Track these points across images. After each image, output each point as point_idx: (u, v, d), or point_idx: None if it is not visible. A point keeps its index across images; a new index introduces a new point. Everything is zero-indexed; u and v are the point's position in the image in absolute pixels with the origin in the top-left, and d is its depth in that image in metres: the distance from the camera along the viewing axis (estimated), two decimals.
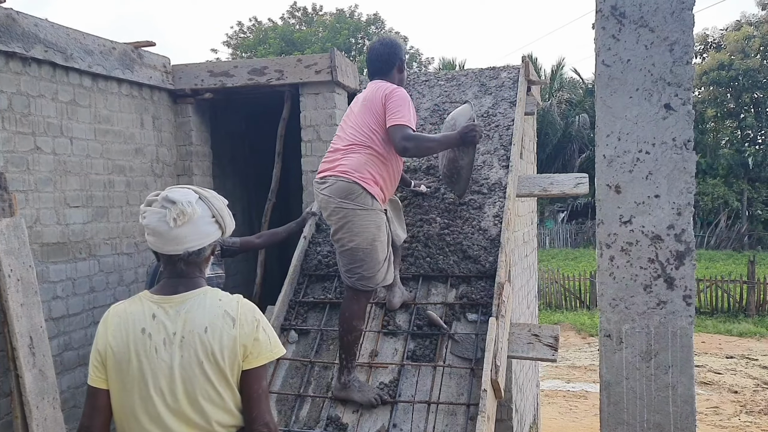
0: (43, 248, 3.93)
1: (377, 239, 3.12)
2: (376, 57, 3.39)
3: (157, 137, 4.97)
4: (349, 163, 3.14)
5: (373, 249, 3.11)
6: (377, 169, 3.17)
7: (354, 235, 3.09)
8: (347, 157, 3.17)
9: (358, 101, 3.36)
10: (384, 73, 3.37)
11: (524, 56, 4.97)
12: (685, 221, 2.55)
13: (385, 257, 3.18)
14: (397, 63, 3.38)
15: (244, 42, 32.96)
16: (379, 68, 3.38)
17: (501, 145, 4.35)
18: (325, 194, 3.15)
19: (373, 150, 3.17)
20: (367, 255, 3.10)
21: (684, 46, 2.52)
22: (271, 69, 4.94)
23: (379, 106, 3.17)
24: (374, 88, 3.28)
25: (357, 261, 3.11)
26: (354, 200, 3.08)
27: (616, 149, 2.60)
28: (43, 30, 3.87)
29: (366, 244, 3.09)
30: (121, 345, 1.80)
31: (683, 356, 2.57)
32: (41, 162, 3.93)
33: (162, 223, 1.80)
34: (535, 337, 3.36)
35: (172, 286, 1.85)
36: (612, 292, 2.65)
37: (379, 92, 3.21)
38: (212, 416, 1.79)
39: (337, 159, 3.21)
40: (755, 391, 9.70)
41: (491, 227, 3.80)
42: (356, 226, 3.09)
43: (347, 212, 3.09)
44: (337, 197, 3.10)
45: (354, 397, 3.13)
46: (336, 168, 3.16)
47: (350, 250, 3.11)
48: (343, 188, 3.09)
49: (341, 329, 3.15)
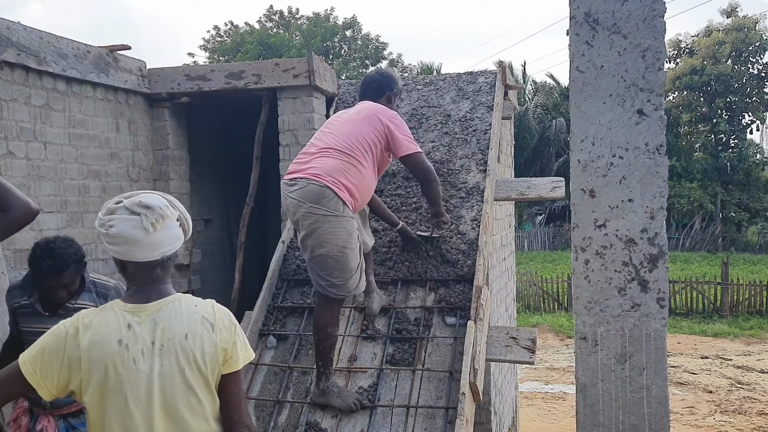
0: (16, 254, 3.87)
1: (348, 246, 3.05)
2: (369, 82, 3.49)
3: (133, 141, 4.93)
4: (321, 166, 3.06)
5: (343, 256, 3.04)
6: (351, 177, 3.10)
7: (324, 241, 3.00)
8: (320, 159, 3.09)
9: (345, 114, 3.32)
10: (372, 97, 3.43)
11: (501, 61, 5.02)
12: (658, 225, 2.60)
13: (357, 265, 3.12)
14: (386, 93, 3.45)
15: (221, 46, 32.80)
16: (369, 93, 3.45)
17: (479, 149, 4.38)
18: (295, 198, 3.05)
19: (353, 158, 3.11)
20: (338, 262, 3.03)
21: (656, 52, 2.57)
22: (249, 73, 4.92)
23: (379, 124, 3.20)
24: (371, 106, 3.30)
25: (327, 268, 3.03)
26: (325, 205, 2.99)
27: (591, 154, 2.64)
28: (15, 33, 3.81)
29: (336, 251, 3.02)
30: (97, 359, 1.74)
31: (657, 358, 2.61)
32: (14, 167, 3.87)
33: (137, 230, 1.77)
34: (513, 340, 3.38)
35: (145, 294, 1.82)
36: (587, 295, 2.68)
37: (381, 113, 3.25)
38: (192, 426, 1.77)
39: (308, 161, 3.12)
40: (729, 390, 9.86)
41: (469, 231, 3.82)
42: (326, 233, 3.00)
43: (317, 218, 3.00)
44: (307, 201, 3.01)
45: (333, 403, 3.12)
46: (307, 170, 3.08)
47: (320, 257, 3.03)
48: (314, 192, 3.00)
49: (316, 337, 3.12)
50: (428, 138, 4.59)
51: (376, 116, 3.22)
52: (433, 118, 4.78)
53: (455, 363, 3.23)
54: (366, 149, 3.16)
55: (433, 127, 4.70)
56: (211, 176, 6.22)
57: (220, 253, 6.37)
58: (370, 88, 3.46)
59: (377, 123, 3.20)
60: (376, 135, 3.19)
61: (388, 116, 3.25)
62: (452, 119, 4.72)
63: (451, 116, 4.75)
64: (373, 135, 3.19)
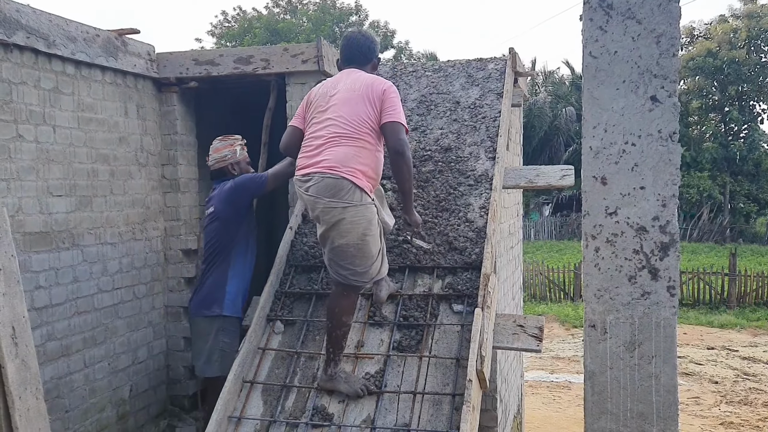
0: (26, 237, 3.88)
1: (368, 233, 3.04)
2: (355, 46, 3.36)
3: (142, 126, 4.92)
4: (333, 157, 3.01)
5: (364, 244, 3.03)
6: (364, 160, 3.06)
7: (345, 232, 2.99)
8: (330, 150, 3.04)
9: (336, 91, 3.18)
10: (360, 63, 3.34)
11: (511, 48, 4.98)
12: (669, 213, 2.58)
13: (378, 250, 3.12)
14: (373, 59, 3.39)
15: (229, 31, 32.70)
16: (356, 58, 3.34)
17: (488, 136, 4.35)
18: (311, 194, 3.01)
19: (361, 140, 3.06)
20: (359, 250, 3.03)
21: (670, 38, 2.53)
22: (257, 58, 4.90)
23: (378, 98, 3.12)
24: (366, 79, 3.19)
25: (348, 257, 3.03)
26: (343, 198, 2.97)
27: (603, 141, 2.61)
28: (25, 16, 3.80)
29: (357, 239, 3.01)
30: None
31: (666, 346, 2.60)
32: (23, 150, 3.87)
33: None
34: (520, 328, 3.37)
35: None
36: (597, 282, 2.67)
37: (377, 84, 3.15)
38: None
39: (317, 153, 3.06)
40: (735, 381, 9.85)
41: (477, 219, 3.81)
42: (347, 223, 2.98)
43: (337, 212, 2.97)
44: (324, 197, 2.97)
45: (340, 388, 3.13)
46: (319, 164, 3.03)
47: (340, 248, 3.02)
48: (331, 185, 2.97)
49: (330, 324, 3.13)
50: (437, 125, 4.56)
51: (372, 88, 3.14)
52: (442, 105, 4.75)
53: (462, 350, 3.23)
54: (370, 128, 3.11)
55: (442, 113, 4.67)
56: None
57: None
58: (358, 53, 3.35)
59: (373, 97, 3.12)
60: (374, 110, 3.12)
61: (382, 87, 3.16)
62: (461, 106, 4.69)
63: (460, 103, 4.72)
64: (372, 111, 3.11)
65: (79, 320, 4.30)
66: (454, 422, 2.94)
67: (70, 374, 4.23)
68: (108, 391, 4.57)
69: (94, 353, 4.43)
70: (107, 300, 4.55)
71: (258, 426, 3.15)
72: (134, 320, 4.84)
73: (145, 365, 4.96)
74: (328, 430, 3.06)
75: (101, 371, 4.51)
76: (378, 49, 3.44)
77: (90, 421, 4.40)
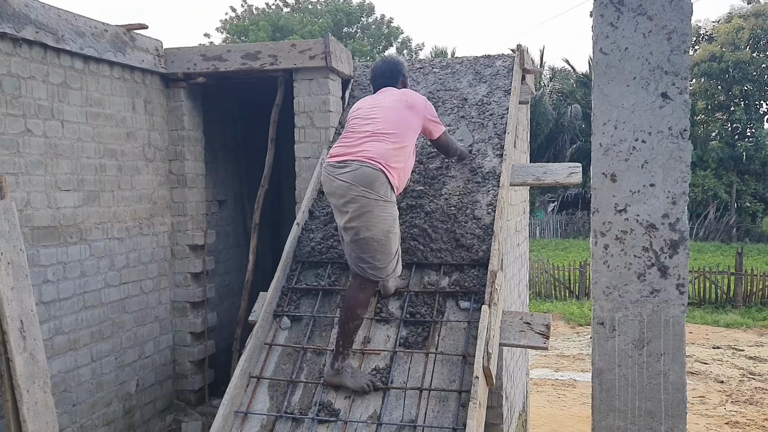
0: (34, 232, 3.90)
1: (392, 231, 3.13)
2: (380, 74, 3.66)
3: (149, 121, 4.93)
4: (374, 150, 3.13)
5: (387, 240, 3.11)
6: (400, 160, 3.20)
7: (372, 225, 3.06)
8: (372, 143, 3.16)
9: (382, 102, 3.42)
10: (392, 85, 3.62)
11: (519, 45, 4.96)
12: (679, 210, 2.56)
13: (396, 249, 3.21)
14: (400, 78, 3.66)
15: (237, 27, 32.68)
16: (387, 81, 3.63)
17: (495, 133, 4.34)
18: (346, 180, 3.08)
19: (402, 143, 3.22)
20: (382, 246, 3.10)
21: (682, 34, 2.52)
22: (265, 54, 4.89)
23: (421, 112, 3.42)
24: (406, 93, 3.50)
25: (370, 251, 3.09)
26: (377, 190, 3.06)
27: (613, 138, 2.60)
28: (34, 11, 3.81)
29: (381, 235, 3.08)
30: None
31: (675, 344, 2.59)
32: (32, 145, 3.88)
33: None
34: (527, 325, 3.36)
35: None
36: (606, 280, 2.66)
37: (419, 99, 3.48)
38: None
39: (358, 144, 3.17)
40: (741, 381, 9.82)
41: (485, 216, 3.80)
42: (375, 217, 3.06)
43: (368, 202, 3.05)
44: (360, 185, 3.05)
45: (347, 383, 3.13)
46: (360, 153, 3.13)
47: (364, 240, 3.08)
48: (368, 175, 3.06)
49: (344, 316, 3.15)
50: (444, 122, 4.55)
51: (416, 103, 3.43)
52: (450, 102, 4.74)
53: (468, 347, 3.23)
54: (411, 135, 3.34)
55: (449, 110, 4.66)
56: (225, 157, 6.23)
57: (234, 234, 6.39)
58: (383, 77, 3.65)
59: (419, 112, 3.41)
60: (418, 123, 3.41)
61: (423, 101, 3.49)
62: (469, 103, 4.68)
63: (467, 100, 4.71)
64: (416, 123, 3.39)
65: (87, 315, 4.32)
66: (461, 419, 2.94)
67: (77, 368, 4.24)
68: (115, 386, 4.59)
69: (101, 348, 4.45)
70: (114, 295, 4.57)
71: (264, 421, 3.15)
72: (141, 315, 4.85)
73: (151, 360, 4.98)
74: (334, 425, 3.06)
75: (108, 365, 4.52)
76: (402, 68, 3.70)
77: (97, 414, 4.42)
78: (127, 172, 4.68)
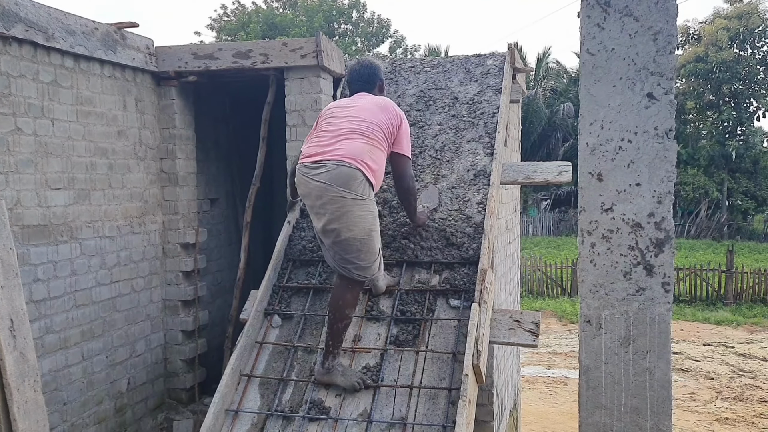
0: (24, 230, 3.89)
1: (374, 229, 3.10)
2: (357, 77, 3.54)
3: (140, 120, 4.93)
4: (349, 148, 3.07)
5: (369, 239, 3.08)
6: (376, 159, 3.15)
7: (353, 225, 3.02)
8: (345, 142, 3.10)
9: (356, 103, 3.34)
10: (368, 90, 3.51)
11: (510, 44, 4.98)
12: (665, 209, 2.59)
13: (379, 248, 3.19)
14: (377, 83, 3.55)
15: (228, 25, 32.59)
16: (361, 87, 3.52)
17: (486, 132, 4.36)
18: (322, 181, 3.02)
19: (377, 142, 3.17)
20: (364, 245, 3.07)
21: (667, 35, 2.55)
22: (256, 52, 4.90)
23: (396, 119, 3.30)
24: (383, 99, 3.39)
25: (353, 251, 3.06)
26: (355, 189, 3.01)
27: (599, 137, 2.63)
28: (23, 9, 3.80)
29: (363, 234, 3.05)
30: None
31: (661, 342, 2.62)
32: (22, 143, 3.88)
33: None
34: (516, 323, 3.39)
35: None
36: (592, 278, 2.69)
37: (395, 109, 3.36)
38: None
39: (333, 143, 3.11)
40: (731, 377, 9.90)
41: (475, 214, 3.82)
42: (355, 216, 3.02)
43: (347, 202, 3.00)
44: (337, 185, 3.00)
45: (337, 381, 3.15)
46: (334, 152, 3.07)
47: (347, 241, 3.04)
48: (345, 174, 3.00)
49: (332, 316, 3.15)
50: (435, 120, 4.57)
51: (392, 109, 3.33)
52: (441, 101, 4.76)
53: (459, 345, 3.25)
54: (384, 137, 3.24)
55: (440, 109, 4.67)
56: (217, 156, 6.22)
57: (226, 232, 6.39)
58: (361, 80, 3.54)
59: (393, 116, 3.31)
60: (391, 126, 3.28)
61: (401, 113, 3.39)
62: (460, 102, 4.70)
63: (458, 99, 4.73)
64: (390, 125, 3.28)
65: (78, 313, 4.31)
66: (451, 416, 2.96)
67: (68, 367, 4.24)
68: (106, 384, 4.59)
69: (92, 346, 4.45)
70: (105, 293, 4.57)
71: (255, 419, 3.17)
72: (132, 313, 4.85)
73: (142, 358, 4.98)
74: (325, 423, 3.08)
75: (99, 364, 4.52)
76: (380, 72, 3.59)
77: (88, 413, 4.42)
78: (118, 171, 4.68)
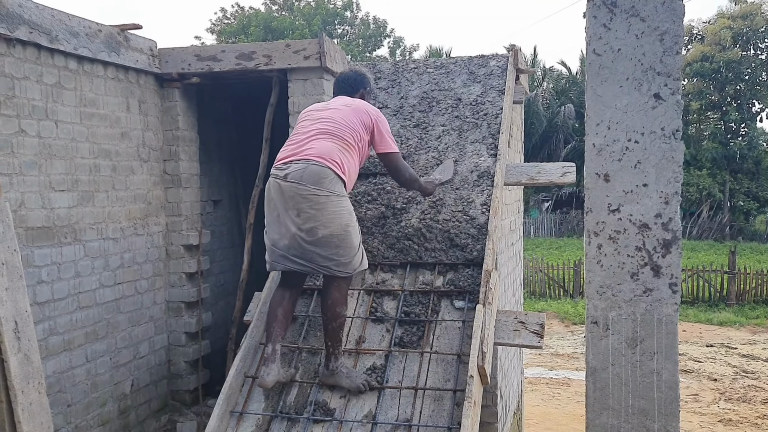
0: (28, 232, 3.89)
1: (350, 224, 3.11)
2: (341, 81, 3.64)
3: (143, 121, 4.93)
4: (320, 147, 3.11)
5: (347, 234, 3.08)
6: (346, 159, 3.17)
7: (328, 221, 3.02)
8: (315, 142, 3.14)
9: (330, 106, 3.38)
10: (349, 94, 3.58)
11: (513, 45, 4.97)
12: (672, 210, 2.58)
13: (359, 243, 3.19)
14: (360, 90, 3.62)
15: (228, 28, 32.64)
16: (345, 89, 3.60)
17: (489, 133, 4.35)
18: (293, 181, 3.02)
19: (346, 143, 3.19)
20: (342, 240, 3.06)
21: (674, 36, 2.54)
22: (259, 54, 4.90)
23: (368, 119, 3.33)
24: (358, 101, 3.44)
25: (332, 248, 3.05)
26: (327, 186, 3.02)
27: (606, 138, 2.62)
28: (27, 11, 3.80)
29: (340, 230, 3.05)
30: None
31: (668, 343, 2.61)
32: (26, 145, 3.88)
33: None
34: (521, 324, 3.38)
35: None
36: (599, 279, 2.68)
37: (369, 108, 3.41)
38: None
39: (304, 143, 3.16)
40: (734, 379, 9.88)
41: (479, 215, 3.81)
42: (330, 213, 3.02)
43: (320, 199, 3.00)
44: (308, 184, 3.00)
45: (342, 383, 3.14)
46: (303, 153, 3.10)
47: (324, 238, 3.03)
48: (315, 173, 3.02)
49: (325, 317, 3.14)
50: (438, 122, 4.56)
51: (365, 110, 3.37)
52: (444, 102, 4.76)
53: (463, 346, 3.24)
54: (356, 138, 3.27)
55: (443, 110, 4.67)
56: (220, 157, 6.22)
57: (229, 234, 6.39)
58: (345, 84, 3.62)
59: (366, 116, 3.34)
60: (363, 127, 3.32)
61: (376, 112, 3.42)
62: (463, 103, 4.69)
63: (462, 100, 4.72)
64: (362, 127, 3.31)
65: (81, 315, 4.31)
66: (455, 418, 2.95)
67: (72, 369, 4.24)
68: (110, 386, 4.59)
69: (95, 348, 4.44)
70: (109, 295, 4.57)
71: (260, 421, 3.16)
72: (136, 315, 4.85)
73: (146, 360, 4.97)
74: (330, 425, 3.07)
75: (103, 366, 4.52)
76: (367, 82, 3.66)
77: (92, 415, 4.41)
78: (122, 173, 4.68)
